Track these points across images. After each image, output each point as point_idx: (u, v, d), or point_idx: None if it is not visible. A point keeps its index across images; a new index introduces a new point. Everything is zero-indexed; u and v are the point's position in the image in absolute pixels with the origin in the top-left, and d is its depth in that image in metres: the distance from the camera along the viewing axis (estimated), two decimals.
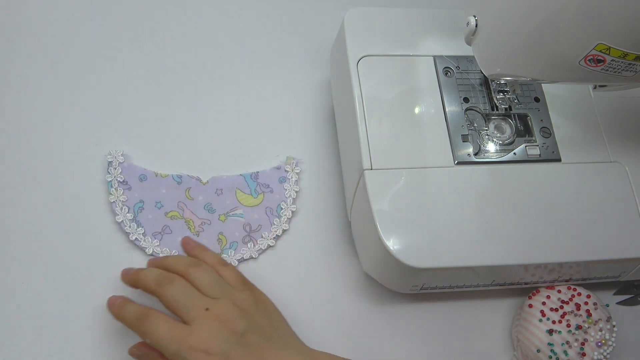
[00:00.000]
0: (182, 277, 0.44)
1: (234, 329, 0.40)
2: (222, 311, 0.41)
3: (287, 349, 0.41)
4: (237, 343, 0.40)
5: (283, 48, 0.61)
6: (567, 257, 0.45)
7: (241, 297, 0.43)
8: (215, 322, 0.40)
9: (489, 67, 0.43)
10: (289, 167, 0.55)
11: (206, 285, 0.43)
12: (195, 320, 0.40)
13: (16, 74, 0.56)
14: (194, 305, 0.41)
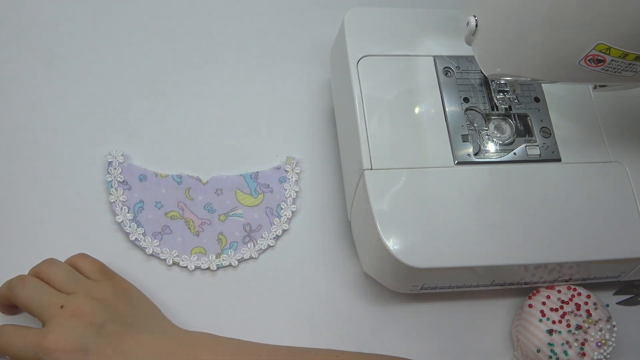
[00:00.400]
0: (35, 277, 0.43)
1: (92, 321, 0.39)
2: (77, 306, 0.40)
3: (151, 333, 0.41)
4: (96, 335, 0.39)
5: (283, 48, 0.61)
6: (567, 257, 0.45)
7: (99, 288, 0.43)
8: (71, 319, 0.39)
9: (489, 67, 0.43)
10: (289, 167, 0.55)
11: (60, 281, 0.42)
12: (50, 320, 0.39)
13: (16, 74, 0.56)
14: (48, 303, 0.40)
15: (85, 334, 0.39)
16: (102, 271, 0.45)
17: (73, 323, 0.39)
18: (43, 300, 0.41)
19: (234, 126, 0.57)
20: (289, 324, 0.49)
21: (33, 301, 0.41)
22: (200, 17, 0.62)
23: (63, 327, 0.39)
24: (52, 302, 0.40)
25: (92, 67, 0.57)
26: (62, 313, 0.40)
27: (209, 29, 0.61)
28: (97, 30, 0.59)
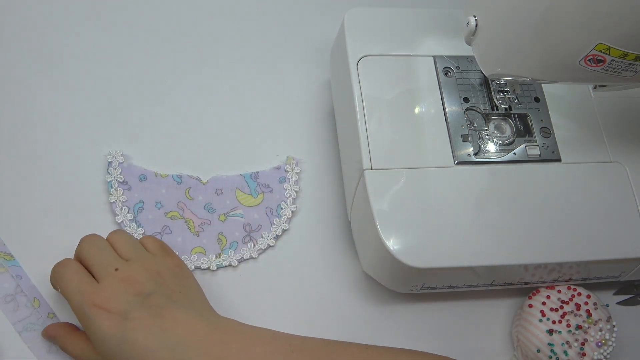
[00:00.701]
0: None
1: (140, 290, 0.41)
2: (130, 273, 0.42)
3: (191, 313, 0.42)
4: (140, 304, 0.40)
5: (283, 48, 0.61)
6: (567, 257, 0.45)
7: (154, 261, 0.45)
8: (121, 283, 0.41)
9: (489, 67, 0.43)
10: (289, 167, 0.55)
11: (122, 246, 0.45)
12: (103, 279, 0.42)
13: (16, 74, 0.56)
14: (105, 263, 0.43)
15: (130, 300, 0.40)
16: (162, 248, 0.47)
17: (123, 288, 0.41)
18: (103, 259, 0.43)
19: (234, 126, 0.57)
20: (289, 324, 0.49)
21: (93, 257, 0.43)
22: (200, 17, 0.62)
23: (112, 288, 0.41)
24: (110, 263, 0.43)
25: (93, 67, 0.57)
26: (115, 275, 0.42)
27: (209, 29, 0.61)
28: (97, 31, 0.59)
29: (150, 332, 0.39)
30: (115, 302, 0.40)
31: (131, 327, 0.39)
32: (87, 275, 0.42)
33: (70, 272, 0.43)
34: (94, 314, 0.40)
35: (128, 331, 0.39)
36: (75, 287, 0.41)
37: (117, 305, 0.40)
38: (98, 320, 0.39)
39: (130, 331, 0.39)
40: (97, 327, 0.39)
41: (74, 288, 0.41)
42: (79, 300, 0.41)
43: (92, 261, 0.43)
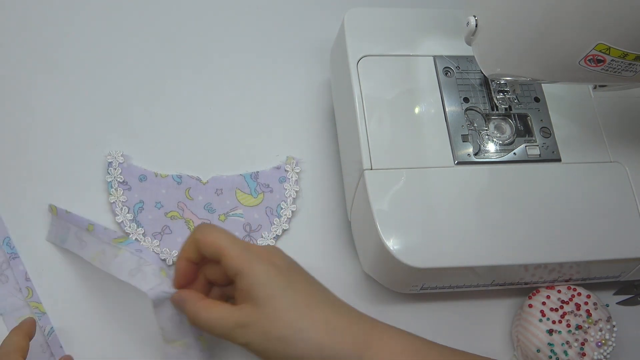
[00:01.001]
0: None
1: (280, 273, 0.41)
2: (269, 254, 0.42)
3: (330, 306, 0.42)
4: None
5: (283, 48, 0.61)
6: (567, 257, 0.45)
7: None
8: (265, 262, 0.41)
9: (489, 67, 0.43)
10: (289, 167, 0.55)
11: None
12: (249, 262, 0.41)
13: (16, 74, 0.56)
14: (246, 245, 0.42)
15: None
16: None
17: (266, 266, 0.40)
18: (236, 240, 0.41)
19: (234, 126, 0.57)
20: None
21: (226, 237, 0.41)
22: (200, 17, 0.62)
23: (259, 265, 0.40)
24: (246, 246, 0.41)
25: (93, 68, 0.57)
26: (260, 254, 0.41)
27: (209, 29, 0.61)
28: (97, 31, 0.59)
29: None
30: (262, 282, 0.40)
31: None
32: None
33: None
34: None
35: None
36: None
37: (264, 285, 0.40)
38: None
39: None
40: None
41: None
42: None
43: (224, 242, 0.42)
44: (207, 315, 0.40)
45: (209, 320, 0.40)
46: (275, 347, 0.39)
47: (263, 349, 0.39)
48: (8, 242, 0.48)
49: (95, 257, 0.45)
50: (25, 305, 0.47)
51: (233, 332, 0.39)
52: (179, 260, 0.43)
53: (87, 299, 0.48)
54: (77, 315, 0.47)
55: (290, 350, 0.39)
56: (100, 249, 0.45)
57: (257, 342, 0.39)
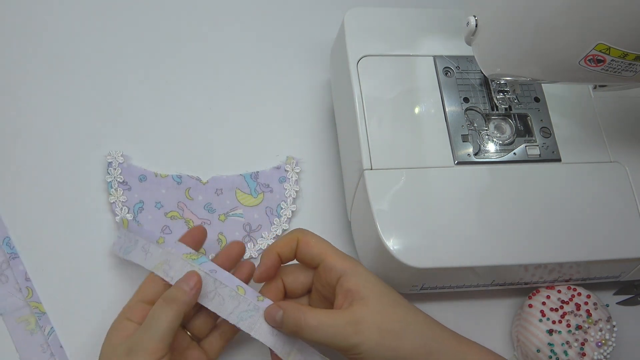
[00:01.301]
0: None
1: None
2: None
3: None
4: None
5: (283, 48, 0.61)
6: (567, 257, 0.45)
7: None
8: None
9: (489, 67, 0.43)
10: (289, 167, 0.55)
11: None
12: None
13: (16, 74, 0.56)
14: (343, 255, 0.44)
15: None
16: None
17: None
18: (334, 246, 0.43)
19: (234, 126, 0.57)
20: None
21: (326, 243, 0.43)
22: (200, 17, 0.62)
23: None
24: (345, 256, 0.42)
25: (93, 68, 0.57)
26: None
27: (209, 29, 0.61)
28: (97, 30, 0.59)
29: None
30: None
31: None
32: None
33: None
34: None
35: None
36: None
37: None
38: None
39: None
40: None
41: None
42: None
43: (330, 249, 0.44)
44: (314, 319, 0.38)
45: (319, 325, 0.38)
46: (389, 343, 0.39)
47: (375, 347, 0.38)
48: (8, 242, 0.48)
49: (158, 266, 0.43)
50: (25, 305, 0.47)
51: (345, 330, 0.38)
52: (270, 253, 0.43)
53: (87, 299, 0.48)
54: (77, 315, 0.47)
55: (404, 345, 0.39)
56: (164, 259, 0.43)
57: (372, 339, 0.38)
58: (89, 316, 0.47)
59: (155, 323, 0.38)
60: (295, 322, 0.39)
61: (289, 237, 0.43)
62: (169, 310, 0.38)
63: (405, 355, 0.39)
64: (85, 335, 0.46)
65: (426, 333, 0.40)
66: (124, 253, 0.46)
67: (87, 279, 0.48)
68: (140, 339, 0.37)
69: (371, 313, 0.39)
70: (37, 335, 0.46)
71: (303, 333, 0.39)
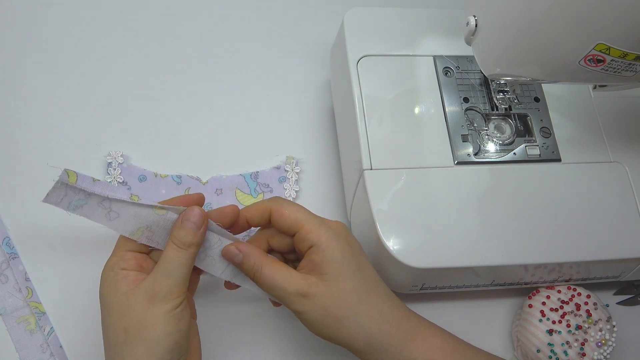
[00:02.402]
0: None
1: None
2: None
3: (383, 297, 0.43)
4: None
5: (283, 48, 0.61)
6: (567, 257, 0.45)
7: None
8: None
9: (489, 67, 0.43)
10: (289, 166, 0.55)
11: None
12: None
13: (17, 75, 0.56)
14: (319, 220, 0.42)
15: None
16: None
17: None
18: (312, 214, 0.42)
19: (233, 126, 0.57)
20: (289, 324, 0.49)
21: (303, 211, 0.41)
22: (200, 17, 0.62)
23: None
24: (321, 220, 0.42)
25: (93, 68, 0.57)
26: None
27: (209, 29, 0.61)
28: (98, 32, 0.59)
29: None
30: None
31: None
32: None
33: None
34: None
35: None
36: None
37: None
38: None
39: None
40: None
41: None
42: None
43: (301, 216, 0.42)
44: (270, 273, 0.39)
45: (272, 280, 0.39)
46: (329, 324, 0.39)
47: (315, 321, 0.39)
48: (8, 242, 0.48)
49: (137, 232, 0.40)
50: (25, 305, 0.47)
51: (292, 298, 0.39)
52: (238, 215, 0.42)
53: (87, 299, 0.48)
54: (77, 315, 0.47)
55: (342, 330, 0.39)
56: (145, 225, 0.40)
57: (313, 315, 0.39)
58: (89, 316, 0.47)
59: (174, 268, 0.38)
60: (253, 269, 0.40)
61: (261, 206, 0.42)
62: (184, 254, 0.39)
63: (342, 339, 0.40)
64: (85, 335, 0.46)
65: (371, 327, 0.40)
66: (71, 207, 0.41)
67: (87, 279, 0.48)
68: (161, 284, 0.38)
69: (322, 292, 0.39)
70: (37, 335, 0.46)
71: (259, 282, 0.40)
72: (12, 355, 0.45)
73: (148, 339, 0.36)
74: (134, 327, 0.37)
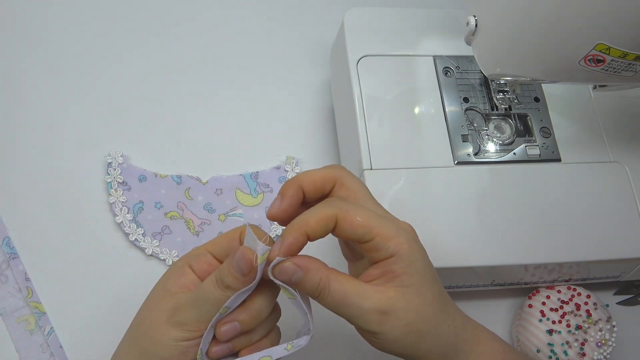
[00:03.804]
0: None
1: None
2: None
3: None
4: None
5: (283, 48, 0.61)
6: (567, 257, 0.45)
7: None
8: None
9: (489, 67, 0.43)
10: (289, 166, 0.55)
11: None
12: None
13: (17, 75, 0.56)
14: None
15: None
16: None
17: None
18: (380, 215, 0.36)
19: (234, 126, 0.57)
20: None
21: (372, 214, 0.35)
22: (200, 17, 0.62)
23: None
24: (394, 221, 0.36)
25: (93, 68, 0.57)
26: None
27: (209, 30, 0.61)
28: (98, 32, 0.59)
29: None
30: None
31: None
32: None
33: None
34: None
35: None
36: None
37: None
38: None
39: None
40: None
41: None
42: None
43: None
44: (342, 289, 0.34)
45: (344, 297, 0.33)
46: (410, 341, 0.34)
47: (394, 341, 0.34)
48: (8, 242, 0.48)
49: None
50: (25, 305, 0.47)
51: (368, 316, 0.33)
52: (296, 233, 0.34)
53: (87, 299, 0.48)
54: (77, 315, 0.47)
55: (421, 345, 0.35)
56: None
57: (394, 334, 0.34)
58: (89, 316, 0.47)
59: (202, 302, 0.34)
60: (316, 288, 0.34)
61: (322, 215, 0.34)
62: (219, 293, 0.34)
63: (420, 354, 0.35)
64: (85, 335, 0.46)
65: (449, 335, 0.36)
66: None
67: (87, 279, 0.48)
68: (184, 310, 0.34)
69: (405, 308, 0.34)
70: (37, 335, 0.46)
71: (322, 301, 0.34)
72: (12, 355, 0.45)
73: (147, 350, 0.34)
74: (146, 327, 0.35)
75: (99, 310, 0.47)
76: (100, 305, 0.47)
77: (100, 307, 0.47)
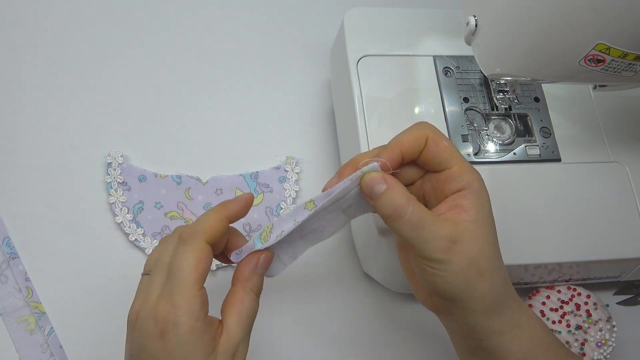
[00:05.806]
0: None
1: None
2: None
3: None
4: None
5: (283, 48, 0.61)
6: (567, 257, 0.45)
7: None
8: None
9: (489, 67, 0.43)
10: (289, 166, 0.55)
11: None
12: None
13: (17, 75, 0.56)
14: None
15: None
16: None
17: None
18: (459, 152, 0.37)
19: (233, 126, 0.57)
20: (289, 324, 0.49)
21: (454, 147, 0.37)
22: (200, 18, 0.62)
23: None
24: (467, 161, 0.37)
25: (93, 68, 0.57)
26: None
27: (209, 30, 0.61)
28: (98, 32, 0.59)
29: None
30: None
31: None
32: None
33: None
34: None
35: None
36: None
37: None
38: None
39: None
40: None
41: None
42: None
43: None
44: (420, 212, 0.34)
45: (420, 220, 0.34)
46: (471, 276, 0.34)
47: (457, 273, 0.34)
48: (8, 242, 0.48)
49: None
50: (25, 305, 0.47)
51: (439, 242, 0.34)
52: (393, 152, 0.36)
53: (87, 299, 0.48)
54: (77, 315, 0.47)
55: (478, 286, 0.35)
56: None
57: (458, 265, 0.34)
58: (89, 316, 0.47)
59: (250, 322, 0.39)
60: (394, 206, 0.34)
61: (416, 134, 0.36)
62: (257, 303, 0.40)
63: (475, 294, 0.35)
64: (85, 335, 0.46)
65: (502, 285, 0.36)
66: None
67: (87, 279, 0.48)
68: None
69: (471, 239, 0.34)
70: (37, 335, 0.46)
71: (395, 222, 0.35)
72: (12, 355, 0.45)
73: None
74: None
75: (98, 310, 0.47)
76: (100, 305, 0.47)
77: (100, 307, 0.47)
